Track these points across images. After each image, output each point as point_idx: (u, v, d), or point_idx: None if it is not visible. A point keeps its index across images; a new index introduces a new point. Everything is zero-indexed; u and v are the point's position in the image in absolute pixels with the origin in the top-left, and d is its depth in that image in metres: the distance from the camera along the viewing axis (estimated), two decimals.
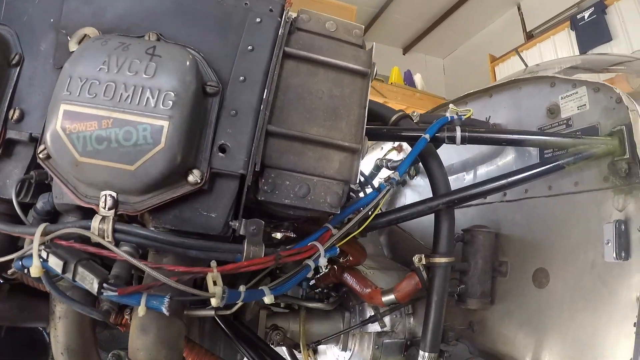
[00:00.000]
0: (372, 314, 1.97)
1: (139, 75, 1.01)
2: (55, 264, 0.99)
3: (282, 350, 2.48)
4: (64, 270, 0.99)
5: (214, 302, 0.98)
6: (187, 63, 1.05)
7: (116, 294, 0.97)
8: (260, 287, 1.08)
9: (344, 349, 2.18)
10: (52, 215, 1.19)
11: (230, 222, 1.11)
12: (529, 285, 1.76)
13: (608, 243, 1.49)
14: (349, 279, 1.95)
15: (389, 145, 2.75)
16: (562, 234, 1.68)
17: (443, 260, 1.59)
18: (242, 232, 1.08)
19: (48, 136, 0.98)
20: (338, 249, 1.23)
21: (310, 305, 2.04)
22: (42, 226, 1.01)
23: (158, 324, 1.13)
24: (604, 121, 1.59)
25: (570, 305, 1.61)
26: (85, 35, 1.14)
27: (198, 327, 1.86)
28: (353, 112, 1.22)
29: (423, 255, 1.64)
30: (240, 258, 1.06)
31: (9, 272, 1.16)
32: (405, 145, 2.67)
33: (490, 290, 1.87)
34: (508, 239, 1.89)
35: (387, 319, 1.98)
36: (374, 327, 1.95)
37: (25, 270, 1.03)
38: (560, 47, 6.92)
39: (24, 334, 1.82)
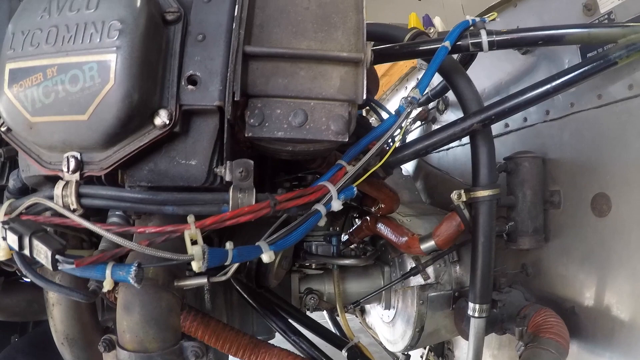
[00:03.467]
0: (413, 265, 1.79)
1: (81, 11, 0.89)
2: (11, 240, 0.86)
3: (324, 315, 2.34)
4: (20, 246, 0.85)
5: (194, 265, 0.80)
6: None
7: (73, 266, 0.81)
8: (256, 243, 0.89)
9: (387, 306, 2.02)
10: (27, 193, 1.09)
11: (215, 169, 0.94)
12: (587, 215, 1.54)
13: None
14: (383, 228, 1.78)
15: (413, 83, 2.52)
16: (620, 150, 1.43)
17: (486, 193, 1.40)
18: (227, 177, 0.90)
19: (1, 104, 0.89)
20: (355, 190, 1.04)
21: (344, 262, 1.87)
22: (6, 203, 0.93)
23: (141, 300, 0.97)
24: None
25: (638, 234, 1.37)
26: None
27: (224, 302, 1.71)
28: (349, 19, 1.01)
29: (462, 191, 1.44)
30: (227, 209, 0.89)
31: None
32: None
33: (543, 226, 1.66)
34: (558, 163, 1.65)
35: (430, 270, 1.80)
36: (417, 280, 1.77)
37: None
38: None
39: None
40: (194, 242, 0.82)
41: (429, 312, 1.79)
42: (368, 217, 1.84)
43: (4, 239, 0.87)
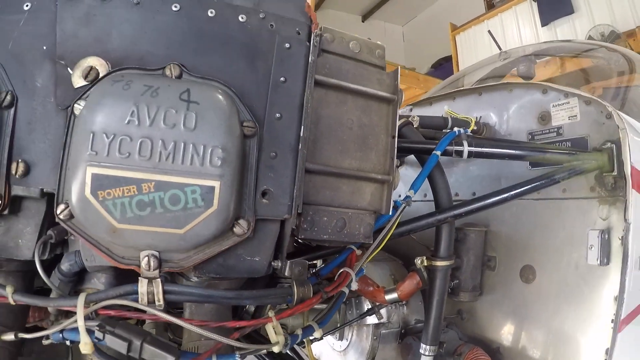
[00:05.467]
0: (369, 306, 2.08)
1: (177, 128, 0.90)
2: (118, 345, 0.95)
3: None
4: (129, 350, 0.95)
5: (276, 349, 1.02)
6: (228, 108, 0.97)
7: None
8: (308, 324, 1.13)
9: (340, 338, 2.29)
10: (79, 275, 1.13)
11: (272, 263, 1.10)
12: (516, 280, 1.92)
13: (592, 248, 1.66)
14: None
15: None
16: (548, 235, 1.83)
17: (444, 263, 1.71)
18: (287, 273, 1.10)
19: (74, 201, 0.88)
20: (364, 270, 1.30)
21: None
22: (82, 297, 0.94)
23: None
24: (593, 134, 1.72)
25: (554, 301, 1.78)
26: (91, 67, 0.97)
27: None
28: (381, 141, 1.23)
29: (425, 258, 1.75)
30: (291, 300, 1.09)
31: (44, 342, 1.03)
32: None
33: (480, 283, 2.02)
34: (496, 235, 2.03)
35: (383, 311, 2.09)
36: (372, 320, 2.06)
37: (67, 342, 0.99)
38: (522, 18, 7.08)
39: None
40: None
41: (379, 346, 2.10)
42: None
43: (99, 340, 0.94)
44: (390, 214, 1.38)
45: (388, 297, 1.88)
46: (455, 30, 8.39)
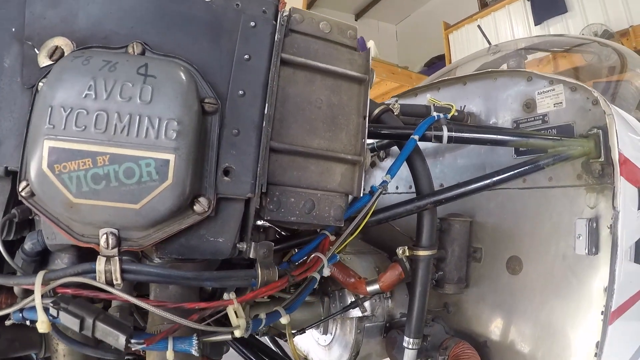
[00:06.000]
0: (352, 299, 2.04)
1: (133, 101, 0.90)
2: (70, 322, 0.93)
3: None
4: (82, 328, 0.93)
5: (237, 333, 0.98)
6: (186, 82, 0.96)
7: (144, 345, 0.94)
8: (275, 309, 1.09)
9: (325, 332, 2.24)
10: (42, 255, 1.11)
11: (237, 245, 1.08)
12: (502, 271, 1.87)
13: (579, 237, 1.60)
14: (331, 268, 1.99)
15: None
16: (535, 225, 1.77)
17: (427, 253, 1.66)
18: (252, 255, 1.07)
19: (33, 176, 0.88)
20: (338, 257, 1.26)
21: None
22: (40, 275, 0.93)
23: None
24: (579, 121, 1.67)
25: (542, 292, 1.73)
26: (56, 47, 0.99)
27: None
28: (352, 121, 1.21)
29: (406, 248, 1.70)
30: (255, 283, 1.06)
31: (7, 322, 1.03)
32: None
33: (466, 275, 1.97)
34: (482, 226, 1.98)
35: (367, 304, 2.04)
36: (356, 313, 2.01)
37: (27, 322, 0.98)
38: (515, 17, 7.05)
39: None
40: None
41: (364, 340, 2.05)
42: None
43: (54, 317, 0.93)
44: (366, 199, 1.35)
45: (369, 288, 1.84)
46: (448, 29, 8.34)
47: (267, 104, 1.08)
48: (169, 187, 0.91)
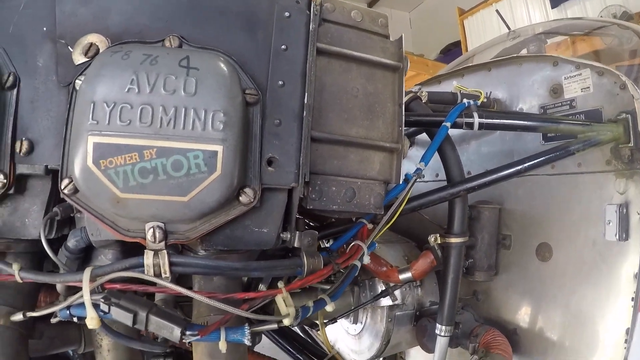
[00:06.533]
0: (382, 288, 2.06)
1: (177, 94, 0.90)
2: (123, 317, 0.94)
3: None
4: (135, 322, 0.95)
5: (287, 322, 0.99)
6: (229, 73, 0.96)
7: (198, 337, 0.96)
8: (320, 297, 1.11)
9: (355, 321, 2.26)
10: (86, 252, 1.12)
11: (281, 235, 1.09)
12: (532, 258, 1.88)
13: (609, 223, 1.61)
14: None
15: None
16: (564, 211, 1.78)
17: (459, 240, 1.68)
18: (297, 244, 1.09)
19: (77, 173, 0.88)
20: (377, 244, 1.27)
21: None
22: (87, 271, 0.93)
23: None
24: (607, 105, 1.67)
25: (571, 279, 1.73)
26: (91, 44, 0.99)
27: None
28: (388, 109, 1.22)
29: (438, 235, 1.72)
30: (301, 272, 1.07)
31: (52, 320, 1.05)
32: None
33: (495, 262, 1.97)
34: (511, 213, 1.98)
35: (397, 293, 2.06)
36: (386, 301, 2.03)
37: (75, 319, 0.99)
38: (531, 0, 6.93)
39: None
40: None
41: (394, 329, 2.07)
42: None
43: (105, 313, 0.94)
44: (401, 187, 1.36)
45: (402, 276, 1.85)
46: (463, 14, 8.16)
47: (306, 94, 1.08)
48: (217, 178, 0.91)
